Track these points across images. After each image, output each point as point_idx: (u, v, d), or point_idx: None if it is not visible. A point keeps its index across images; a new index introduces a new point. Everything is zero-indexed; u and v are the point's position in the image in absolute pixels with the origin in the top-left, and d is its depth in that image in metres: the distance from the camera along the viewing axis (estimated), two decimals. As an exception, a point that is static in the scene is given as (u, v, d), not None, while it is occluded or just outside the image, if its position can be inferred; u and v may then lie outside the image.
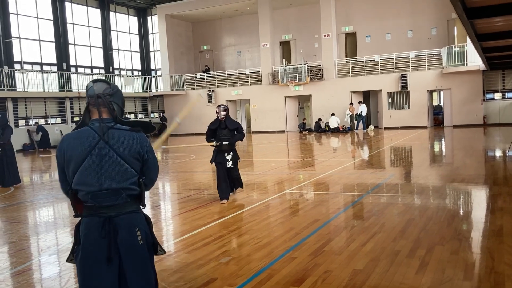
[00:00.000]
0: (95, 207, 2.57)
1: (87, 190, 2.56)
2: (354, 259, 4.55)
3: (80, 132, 2.62)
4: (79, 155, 2.56)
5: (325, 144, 19.85)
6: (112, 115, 2.67)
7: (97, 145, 2.55)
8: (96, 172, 2.55)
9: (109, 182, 2.56)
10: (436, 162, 12.52)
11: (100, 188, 2.55)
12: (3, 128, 10.70)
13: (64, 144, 2.62)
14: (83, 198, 2.60)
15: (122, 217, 2.59)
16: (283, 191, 8.75)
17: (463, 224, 5.84)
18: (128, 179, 2.61)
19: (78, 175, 2.56)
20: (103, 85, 2.70)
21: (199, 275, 4.34)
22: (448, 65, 23.64)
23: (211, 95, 29.70)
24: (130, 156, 2.60)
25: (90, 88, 2.68)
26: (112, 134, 2.59)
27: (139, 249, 2.61)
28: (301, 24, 29.97)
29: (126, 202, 2.61)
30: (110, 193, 2.56)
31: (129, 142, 2.62)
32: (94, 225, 2.57)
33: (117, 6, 31.63)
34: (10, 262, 5.15)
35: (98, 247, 2.54)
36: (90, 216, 2.59)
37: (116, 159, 2.57)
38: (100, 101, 2.64)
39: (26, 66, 25.16)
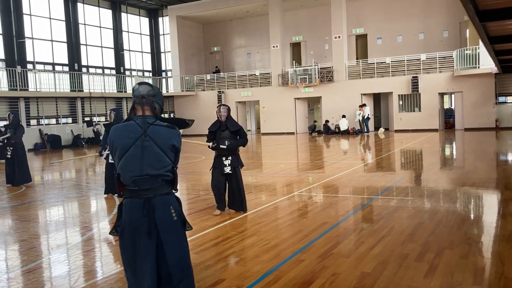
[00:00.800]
0: (136, 190, 3.01)
1: (129, 175, 3.00)
2: (363, 262, 4.53)
3: (127, 125, 3.07)
4: (124, 144, 3.02)
5: (335, 146, 19.79)
6: (153, 112, 3.11)
7: (140, 137, 3.00)
8: (139, 160, 3.00)
9: (148, 168, 3.00)
10: (446, 166, 12.43)
11: (141, 173, 2.99)
12: (16, 127, 10.82)
13: (112, 134, 3.09)
14: (125, 182, 3.04)
15: (158, 198, 3.03)
16: (292, 193, 8.74)
17: (473, 229, 5.79)
18: (164, 167, 3.05)
19: (123, 161, 3.03)
20: (147, 87, 3.15)
21: (207, 275, 4.35)
22: (460, 68, 23.45)
23: (221, 96, 29.76)
24: (167, 148, 3.05)
25: (136, 90, 3.14)
26: (153, 129, 3.03)
27: (174, 224, 3.07)
28: (312, 25, 29.93)
29: (162, 185, 3.05)
30: (149, 178, 3.00)
31: (167, 136, 3.06)
32: (135, 205, 3.01)
33: (128, 7, 31.84)
34: (21, 260, 5.21)
35: (139, 224, 2.98)
36: (132, 198, 3.03)
37: (156, 150, 3.02)
38: (144, 101, 3.08)
39: (38, 66, 25.42)
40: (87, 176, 13.59)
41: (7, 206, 8.62)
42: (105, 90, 27.95)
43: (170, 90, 32.65)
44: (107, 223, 6.90)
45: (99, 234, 6.31)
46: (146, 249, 2.97)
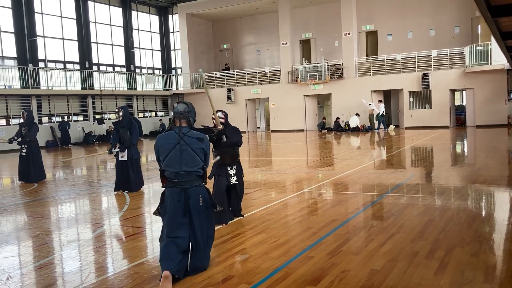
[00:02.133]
0: (176, 181, 4.21)
1: (171, 170, 4.20)
2: (372, 260, 4.52)
3: (169, 134, 4.26)
4: (167, 148, 4.20)
5: (345, 143, 19.73)
6: (188, 124, 4.30)
7: (179, 143, 4.17)
8: (178, 159, 4.17)
9: (185, 166, 4.19)
10: (457, 163, 12.33)
11: (180, 170, 4.18)
12: (30, 126, 10.94)
13: (158, 141, 4.28)
14: (168, 176, 4.24)
15: (192, 189, 4.24)
16: (301, 190, 8.74)
17: (484, 226, 5.74)
18: (197, 165, 4.24)
19: (166, 161, 4.20)
20: (183, 106, 4.33)
21: (217, 272, 4.37)
22: (472, 64, 23.23)
23: (230, 93, 29.79)
24: (198, 151, 4.23)
25: (175, 108, 4.32)
26: (189, 137, 4.21)
27: (201, 208, 4.28)
28: (322, 22, 29.82)
29: (195, 179, 4.26)
30: (185, 173, 4.20)
31: (198, 142, 4.23)
32: (175, 193, 4.21)
33: (138, 5, 31.97)
34: (33, 256, 5.27)
35: (178, 206, 4.19)
36: (172, 187, 4.24)
37: (190, 152, 4.19)
38: (182, 116, 4.27)
39: (49, 64, 25.64)
40: (98, 173, 13.70)
41: (20, 202, 8.73)
42: (116, 87, 28.13)
43: (180, 87, 32.75)
44: (118, 219, 6.96)
45: (110, 231, 6.36)
46: (182, 224, 4.19)
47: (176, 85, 33.39)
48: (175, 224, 4.17)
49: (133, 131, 8.81)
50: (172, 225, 4.17)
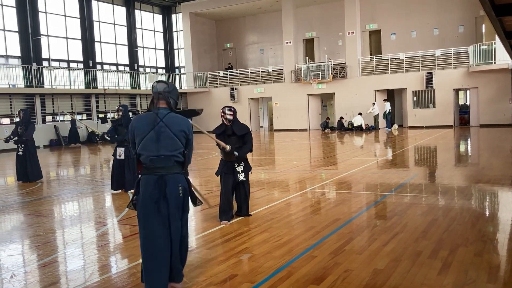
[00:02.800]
0: (152, 168, 3.70)
1: (147, 154, 3.70)
2: (375, 259, 4.51)
3: (147, 115, 3.78)
4: (144, 129, 3.72)
5: (348, 142, 19.70)
6: (169, 106, 3.81)
7: (158, 124, 3.69)
8: (155, 142, 3.69)
9: (163, 150, 3.70)
10: (461, 162, 12.30)
11: (157, 153, 3.68)
12: (26, 124, 10.92)
13: (133, 122, 3.83)
14: (143, 161, 3.74)
15: (170, 176, 3.72)
16: (305, 190, 8.73)
17: (488, 226, 5.73)
18: (176, 149, 3.75)
19: (143, 143, 3.72)
20: (163, 85, 3.86)
21: (220, 271, 4.37)
22: (476, 63, 23.14)
23: (234, 92, 29.80)
24: (179, 134, 3.75)
25: (154, 87, 3.85)
26: (168, 118, 3.74)
27: (179, 198, 3.75)
28: (325, 21, 29.77)
29: (174, 165, 3.75)
30: (163, 158, 3.70)
31: (180, 124, 3.77)
32: (151, 180, 3.70)
33: (142, 4, 32.01)
34: (37, 254, 5.29)
35: (153, 195, 3.67)
36: (148, 174, 3.73)
37: (170, 135, 3.71)
38: (160, 96, 3.80)
39: (53, 63, 25.70)
40: (101, 172, 13.73)
41: (23, 201, 8.75)
42: (119, 86, 28.17)
43: (183, 86, 32.78)
44: (123, 218, 6.96)
45: (113, 229, 6.38)
46: (159, 217, 3.66)
47: (180, 84, 33.42)
48: (152, 216, 3.67)
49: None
50: (148, 218, 3.69)
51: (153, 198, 3.66)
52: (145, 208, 3.70)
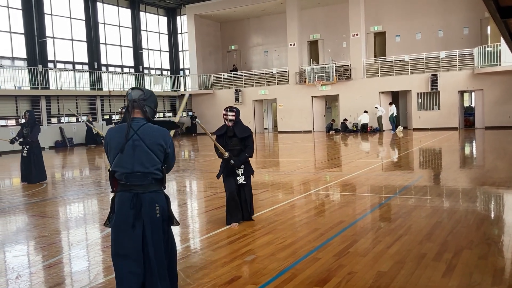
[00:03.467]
0: (127, 185, 3.30)
1: (122, 171, 3.29)
2: (379, 261, 4.51)
3: (120, 127, 3.36)
4: (118, 143, 3.29)
5: (352, 144, 19.67)
6: (144, 115, 3.37)
7: (132, 138, 3.27)
8: (130, 158, 3.27)
9: (139, 166, 3.28)
10: (466, 165, 12.25)
11: (132, 170, 3.27)
12: (32, 126, 10.97)
13: (107, 135, 3.40)
14: (118, 177, 3.33)
15: (147, 195, 3.30)
16: (309, 191, 8.73)
17: (493, 228, 5.71)
18: (153, 165, 3.31)
19: (117, 159, 3.30)
20: (138, 92, 3.41)
21: (224, 272, 4.38)
22: (481, 65, 23.06)
23: (238, 94, 29.83)
24: (155, 148, 3.30)
25: (129, 94, 3.41)
26: (143, 130, 3.30)
27: (156, 220, 3.31)
28: (329, 23, 29.77)
29: (151, 183, 3.32)
30: (139, 175, 3.28)
31: (155, 137, 3.31)
32: (125, 198, 3.30)
33: (147, 6, 32.11)
34: (42, 255, 5.32)
35: (127, 215, 3.27)
36: (123, 192, 3.32)
37: (145, 149, 3.28)
38: (135, 105, 3.36)
39: (59, 65, 25.82)
40: (106, 173, 13.77)
41: (29, 202, 8.80)
42: (124, 88, 28.26)
43: (188, 88, 32.85)
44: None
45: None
46: (132, 239, 3.27)
47: (184, 86, 33.49)
48: (125, 238, 3.28)
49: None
50: (121, 239, 3.29)
51: (128, 219, 3.27)
52: (118, 228, 3.30)
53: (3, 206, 8.58)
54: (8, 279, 4.52)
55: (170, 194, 9.36)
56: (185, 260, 4.83)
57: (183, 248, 5.39)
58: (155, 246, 3.31)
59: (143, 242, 3.29)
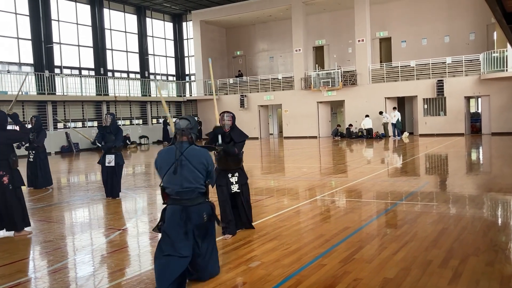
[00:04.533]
0: (178, 199, 4.08)
1: (172, 187, 4.08)
2: (385, 268, 4.48)
3: (169, 149, 4.20)
4: (167, 164, 4.10)
5: (358, 150, 19.62)
6: (189, 140, 4.20)
7: (179, 158, 4.06)
8: (179, 176, 4.05)
9: (187, 183, 4.07)
10: (472, 171, 12.18)
11: (181, 187, 4.05)
12: (38, 131, 11.04)
13: (158, 157, 4.22)
14: (169, 192, 4.12)
15: (194, 207, 4.09)
16: (314, 197, 8.71)
17: (499, 235, 5.66)
18: (198, 181, 4.11)
19: (167, 177, 4.10)
20: (185, 122, 4.23)
21: (228, 278, 4.37)
22: (487, 71, 22.97)
23: (243, 100, 29.87)
24: (199, 166, 4.10)
25: (177, 124, 4.23)
26: (189, 152, 4.11)
27: (203, 225, 4.17)
28: (335, 29, 29.80)
29: (197, 196, 4.13)
30: (188, 190, 4.07)
31: (199, 157, 4.12)
32: (176, 211, 4.06)
33: (153, 12, 32.30)
34: (47, 260, 5.33)
35: (178, 225, 4.04)
36: (174, 205, 4.10)
37: (191, 168, 4.07)
38: (184, 133, 4.18)
39: (65, 71, 25.99)
40: (111, 178, 13.79)
41: (34, 207, 8.83)
42: (130, 94, 28.39)
43: (193, 94, 32.95)
44: (132, 225, 7.00)
45: (123, 236, 6.40)
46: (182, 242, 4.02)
47: (190, 92, 33.59)
48: (175, 243, 4.00)
49: (118, 136, 9.17)
50: (171, 244, 4.00)
51: (179, 228, 4.03)
52: (170, 236, 4.02)
53: None
54: (13, 283, 4.53)
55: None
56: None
57: (188, 253, 5.38)
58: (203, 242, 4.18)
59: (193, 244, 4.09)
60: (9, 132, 6.72)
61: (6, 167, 6.41)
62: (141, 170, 15.56)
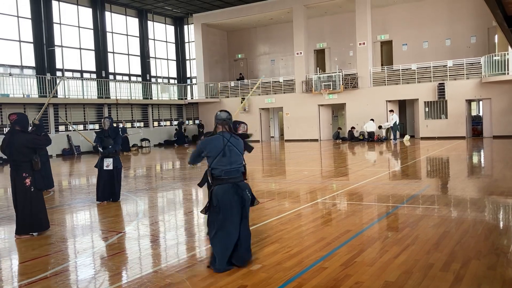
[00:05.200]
0: (226, 178, 4.77)
1: (222, 168, 4.76)
2: (386, 271, 4.47)
3: (216, 137, 4.85)
4: (216, 150, 4.76)
5: (359, 153, 19.61)
6: (229, 129, 4.92)
7: (226, 144, 4.78)
8: (228, 159, 4.77)
9: (234, 164, 4.81)
10: (474, 174, 12.16)
11: (230, 167, 4.79)
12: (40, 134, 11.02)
13: (205, 143, 4.85)
14: (218, 174, 4.78)
15: (241, 183, 4.87)
16: (315, 200, 8.70)
17: (501, 239, 5.65)
18: (241, 163, 4.91)
19: (217, 161, 4.76)
20: (226, 113, 4.94)
21: (230, 281, 4.36)
22: (488, 74, 22.97)
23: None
24: (241, 151, 4.91)
25: (219, 115, 4.93)
26: (232, 139, 4.85)
27: (249, 201, 4.90)
28: (336, 32, 29.83)
29: (240, 175, 4.88)
30: (234, 170, 4.82)
31: (240, 144, 4.93)
32: (227, 188, 4.76)
33: (154, 16, 32.37)
34: (48, 263, 5.32)
35: (232, 200, 4.74)
36: (223, 184, 4.77)
37: (237, 152, 4.84)
38: (224, 123, 4.90)
39: (67, 74, 26.04)
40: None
41: (36, 210, 8.81)
42: (131, 97, 28.43)
43: (195, 97, 32.98)
44: (133, 228, 6.99)
45: (124, 239, 6.40)
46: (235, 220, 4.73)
47: (191, 95, 33.62)
48: (229, 218, 4.68)
49: (117, 139, 9.21)
50: (226, 220, 4.68)
51: (232, 203, 4.71)
52: (223, 211, 4.69)
53: (10, 213, 8.63)
54: (14, 286, 4.53)
55: (176, 203, 9.39)
56: (191, 269, 4.82)
57: (189, 256, 5.38)
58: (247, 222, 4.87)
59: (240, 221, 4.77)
60: (33, 136, 6.83)
61: (29, 169, 6.54)
62: (142, 173, 15.56)
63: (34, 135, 6.96)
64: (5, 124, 21.92)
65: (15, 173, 6.53)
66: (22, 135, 6.56)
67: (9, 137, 6.57)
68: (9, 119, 6.65)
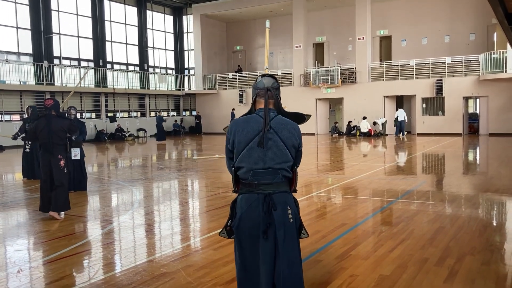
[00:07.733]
0: (254, 184, 2.80)
1: (249, 167, 2.80)
2: (381, 265, 4.49)
3: (249, 117, 2.90)
4: (247, 136, 2.82)
5: (356, 148, 19.64)
6: (276, 106, 2.95)
7: (265, 130, 2.79)
8: (262, 152, 2.79)
9: (271, 161, 2.80)
10: (469, 171, 12.21)
11: (263, 166, 2.79)
12: (34, 121, 10.95)
13: (233, 127, 2.89)
14: (243, 176, 2.84)
15: (278, 195, 2.80)
16: (311, 194, 8.71)
17: (495, 235, 5.68)
18: (286, 162, 2.84)
19: (245, 153, 2.81)
20: (271, 80, 2.99)
21: (225, 272, 4.37)
22: (486, 72, 23.00)
23: (242, 95, 29.83)
24: (289, 144, 2.85)
25: (259, 82, 2.99)
26: (277, 122, 2.85)
27: (288, 226, 2.80)
28: (336, 26, 29.76)
29: (282, 182, 2.84)
30: (270, 171, 2.80)
31: (290, 131, 2.88)
32: (254, 200, 2.79)
33: (153, 5, 32.19)
34: (43, 250, 5.32)
35: (257, 220, 2.77)
36: (249, 193, 2.82)
37: (279, 143, 2.81)
38: (269, 93, 2.92)
39: (64, 62, 25.90)
40: (108, 170, 13.79)
41: (31, 197, 8.81)
42: (129, 86, 28.32)
43: (192, 88, 32.89)
44: (128, 216, 6.99)
45: (119, 228, 6.40)
46: (264, 249, 2.76)
47: (189, 86, 33.53)
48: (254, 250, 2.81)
49: (83, 129, 9.25)
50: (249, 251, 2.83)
51: (258, 225, 2.77)
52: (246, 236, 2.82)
53: (5, 200, 8.61)
54: (8, 273, 4.53)
55: (171, 193, 9.36)
56: (186, 259, 4.82)
57: (184, 247, 5.39)
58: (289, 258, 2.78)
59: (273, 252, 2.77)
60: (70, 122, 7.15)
61: (63, 151, 6.87)
62: (138, 163, 15.54)
63: (70, 121, 7.22)
64: (1, 110, 21.81)
65: (50, 155, 6.77)
66: (59, 119, 6.88)
67: (45, 121, 6.79)
68: (46, 104, 6.88)
